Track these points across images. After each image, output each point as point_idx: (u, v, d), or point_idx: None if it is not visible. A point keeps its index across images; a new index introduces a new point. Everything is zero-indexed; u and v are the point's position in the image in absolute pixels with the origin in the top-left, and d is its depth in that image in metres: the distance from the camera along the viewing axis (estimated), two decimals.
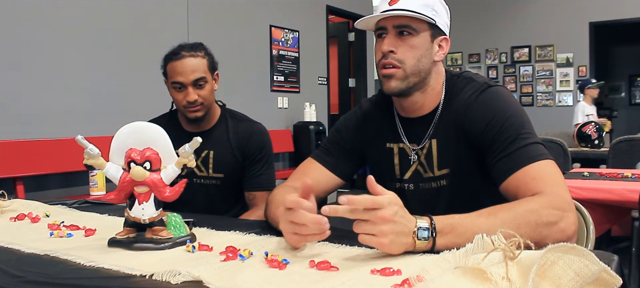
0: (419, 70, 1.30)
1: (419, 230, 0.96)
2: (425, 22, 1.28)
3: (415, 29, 1.28)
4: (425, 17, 1.26)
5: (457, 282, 0.75)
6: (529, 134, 1.22)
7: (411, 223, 0.96)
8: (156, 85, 2.62)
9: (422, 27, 1.29)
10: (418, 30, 1.28)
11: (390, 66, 1.28)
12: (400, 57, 1.28)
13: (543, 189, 1.10)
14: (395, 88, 1.30)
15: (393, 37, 1.28)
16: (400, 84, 1.29)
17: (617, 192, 2.62)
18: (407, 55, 1.28)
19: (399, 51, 1.28)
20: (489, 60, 8.55)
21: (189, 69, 1.81)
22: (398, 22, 1.27)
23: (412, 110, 1.38)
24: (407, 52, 1.28)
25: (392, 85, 1.30)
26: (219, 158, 1.92)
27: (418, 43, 1.29)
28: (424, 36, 1.29)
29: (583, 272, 0.73)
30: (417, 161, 1.37)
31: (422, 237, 0.96)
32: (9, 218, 1.47)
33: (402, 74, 1.29)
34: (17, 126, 3.58)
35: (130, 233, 1.14)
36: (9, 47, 3.55)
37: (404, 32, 1.28)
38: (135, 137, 1.13)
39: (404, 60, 1.28)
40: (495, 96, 1.29)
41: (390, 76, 1.29)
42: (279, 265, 0.93)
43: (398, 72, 1.28)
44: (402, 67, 1.28)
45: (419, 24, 1.28)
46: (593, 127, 4.73)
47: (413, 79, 1.30)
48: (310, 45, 6.43)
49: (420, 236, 0.96)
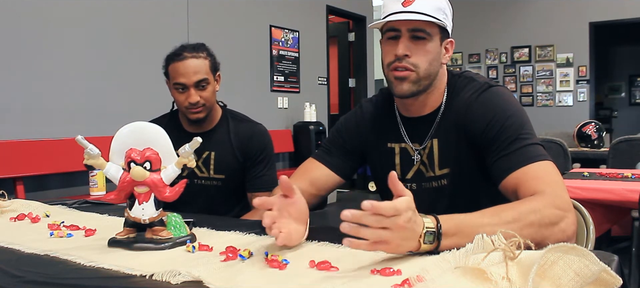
0: (430, 74, 1.30)
1: (426, 234, 0.94)
2: (437, 26, 1.28)
3: (430, 33, 1.27)
4: (438, 22, 1.26)
5: (457, 282, 0.75)
6: (529, 134, 1.22)
7: (419, 227, 0.93)
8: (156, 85, 2.62)
9: (434, 31, 1.28)
10: (431, 35, 1.28)
11: (404, 69, 1.28)
12: (414, 61, 1.27)
13: (543, 189, 1.10)
14: (407, 91, 1.29)
15: (407, 40, 1.27)
16: (412, 87, 1.29)
17: (617, 192, 2.62)
18: (421, 60, 1.28)
19: (414, 55, 1.27)
20: (489, 60, 8.55)
21: (191, 70, 1.81)
22: (413, 26, 1.26)
23: (415, 110, 1.38)
24: (421, 57, 1.28)
25: (404, 88, 1.29)
26: (220, 159, 1.92)
27: (431, 48, 1.28)
28: (436, 41, 1.29)
29: (583, 272, 0.73)
30: (420, 161, 1.37)
31: (428, 240, 0.94)
32: (9, 218, 1.47)
33: (415, 77, 1.28)
34: (17, 126, 3.59)
35: (130, 234, 1.14)
36: (9, 47, 3.55)
37: (418, 36, 1.27)
38: (135, 137, 1.13)
39: (418, 65, 1.28)
40: (495, 96, 1.29)
41: (403, 78, 1.28)
42: (279, 265, 0.93)
43: (411, 75, 1.28)
44: (415, 71, 1.28)
45: (432, 28, 1.28)
46: (593, 127, 4.73)
47: (424, 82, 1.30)
48: (310, 45, 6.43)
49: (426, 240, 0.94)
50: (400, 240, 0.91)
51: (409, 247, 0.94)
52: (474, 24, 8.37)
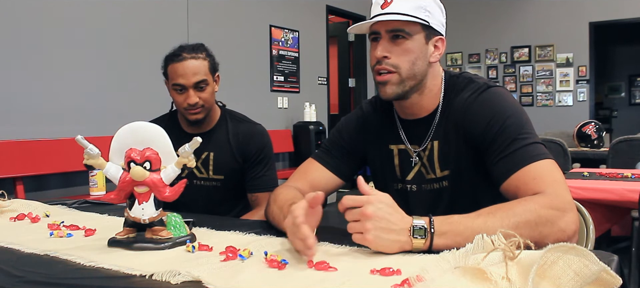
0: (415, 74, 1.30)
1: (415, 228, 0.98)
2: (418, 24, 1.28)
3: (409, 32, 1.27)
4: (417, 20, 1.26)
5: (457, 282, 0.75)
6: (528, 134, 1.22)
7: (403, 221, 0.98)
8: (156, 85, 2.62)
9: (415, 29, 1.28)
10: (412, 34, 1.27)
11: (385, 72, 1.28)
12: (394, 62, 1.28)
13: (543, 189, 1.10)
14: (391, 94, 1.30)
15: (386, 42, 1.28)
16: (396, 88, 1.29)
17: (617, 192, 2.62)
18: (401, 60, 1.28)
19: (393, 56, 1.27)
20: (489, 60, 8.55)
21: (190, 71, 1.80)
22: (391, 27, 1.27)
23: (411, 113, 1.38)
24: (402, 57, 1.27)
25: (388, 91, 1.29)
26: (219, 159, 1.91)
27: (412, 46, 1.28)
28: (418, 39, 1.29)
29: (583, 272, 0.73)
30: (420, 162, 1.37)
31: (419, 235, 0.97)
32: (9, 218, 1.47)
33: (397, 79, 1.28)
34: (17, 126, 3.59)
35: (130, 233, 1.14)
36: (9, 47, 3.55)
37: (397, 36, 1.27)
38: (135, 137, 1.13)
39: (398, 65, 1.28)
40: (495, 96, 1.29)
41: (385, 82, 1.29)
42: (278, 265, 0.93)
43: (393, 77, 1.28)
44: (397, 71, 1.28)
45: (412, 27, 1.27)
46: (593, 127, 4.73)
47: (409, 82, 1.30)
48: (310, 45, 6.43)
49: (416, 234, 0.97)
50: (376, 231, 0.97)
51: (394, 240, 0.97)
52: (474, 24, 8.36)
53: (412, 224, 0.98)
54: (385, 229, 0.97)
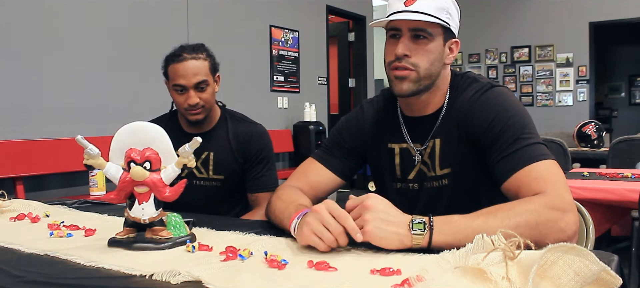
0: (431, 74, 1.30)
1: (414, 222, 0.99)
2: (440, 26, 1.27)
3: (431, 33, 1.27)
4: (440, 22, 1.25)
5: (457, 282, 0.75)
6: (530, 134, 1.22)
7: (402, 216, 1.01)
8: (156, 85, 2.62)
9: (436, 31, 1.28)
10: (433, 35, 1.27)
11: (403, 69, 1.28)
12: (414, 61, 1.27)
13: (544, 189, 1.10)
14: (407, 90, 1.29)
15: (407, 40, 1.27)
16: (412, 86, 1.29)
17: (617, 192, 2.62)
18: (421, 60, 1.27)
19: (414, 55, 1.27)
20: (489, 60, 8.55)
21: (191, 71, 1.80)
22: (414, 26, 1.26)
23: (417, 110, 1.38)
24: (422, 57, 1.27)
25: (404, 88, 1.29)
26: (219, 159, 1.91)
27: (432, 48, 1.28)
28: (438, 40, 1.29)
29: (583, 272, 0.73)
30: (421, 161, 1.37)
31: (418, 229, 0.98)
32: (9, 218, 1.47)
33: (415, 77, 1.28)
34: (17, 126, 3.59)
35: (130, 233, 1.14)
36: (9, 47, 3.55)
37: (419, 36, 1.27)
38: (135, 137, 1.13)
39: (418, 64, 1.27)
40: (497, 96, 1.29)
41: (403, 78, 1.28)
42: (278, 265, 0.93)
43: (412, 74, 1.28)
44: (415, 70, 1.28)
45: (434, 28, 1.27)
46: (593, 127, 4.73)
47: (425, 82, 1.30)
48: (310, 45, 6.43)
49: (415, 228, 0.98)
50: (375, 221, 0.98)
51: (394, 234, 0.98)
52: (474, 24, 8.36)
53: (411, 219, 1.00)
54: (384, 221, 0.98)
